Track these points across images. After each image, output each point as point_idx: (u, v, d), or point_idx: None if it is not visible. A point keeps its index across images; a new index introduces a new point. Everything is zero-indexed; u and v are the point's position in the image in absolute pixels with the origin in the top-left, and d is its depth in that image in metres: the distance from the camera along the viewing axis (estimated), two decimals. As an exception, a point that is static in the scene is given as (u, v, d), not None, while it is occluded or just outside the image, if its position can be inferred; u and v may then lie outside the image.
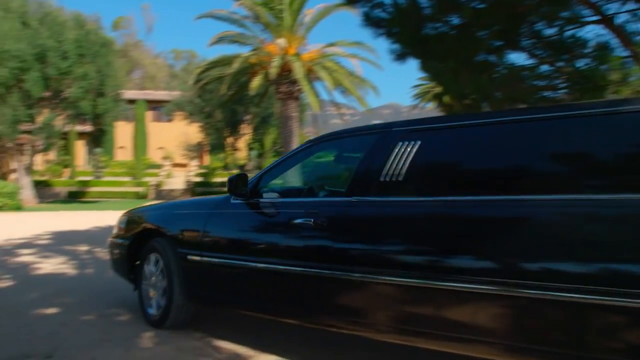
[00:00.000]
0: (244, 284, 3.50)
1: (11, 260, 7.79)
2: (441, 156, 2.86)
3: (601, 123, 2.29)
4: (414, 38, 5.49)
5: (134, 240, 4.38)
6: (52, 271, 6.85)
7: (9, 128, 20.41)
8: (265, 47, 19.88)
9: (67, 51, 20.87)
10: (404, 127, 3.01)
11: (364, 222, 2.88)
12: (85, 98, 21.71)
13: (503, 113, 2.98)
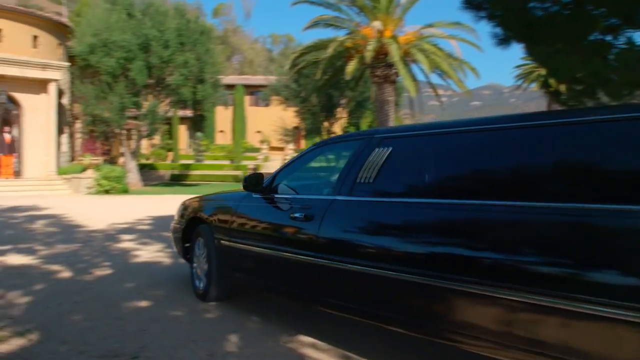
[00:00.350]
0: (262, 267, 4.08)
1: (113, 246, 8.12)
2: (405, 162, 3.21)
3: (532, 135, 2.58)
4: (519, 20, 5.02)
5: (186, 226, 5.16)
6: (149, 259, 7.05)
7: (116, 115, 21.57)
8: (360, 31, 19.55)
9: (168, 40, 21.64)
10: (382, 134, 3.46)
11: (339, 219, 3.33)
12: (186, 85, 22.45)
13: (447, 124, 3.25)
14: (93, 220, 11.44)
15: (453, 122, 3.22)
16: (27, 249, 7.75)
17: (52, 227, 10.38)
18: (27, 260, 6.92)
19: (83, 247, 7.98)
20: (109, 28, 21.18)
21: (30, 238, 8.85)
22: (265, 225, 4.12)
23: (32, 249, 7.76)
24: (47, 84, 21.83)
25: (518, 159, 2.60)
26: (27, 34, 22.38)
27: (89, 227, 10.30)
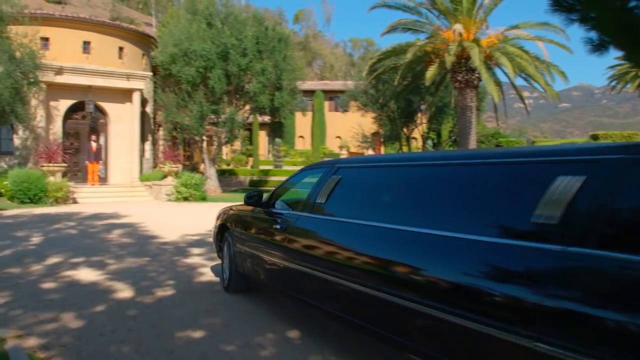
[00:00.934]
0: (258, 267, 5.08)
1: (180, 261, 8.03)
2: (346, 188, 3.97)
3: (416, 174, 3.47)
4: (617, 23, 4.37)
5: (218, 230, 6.46)
6: (214, 278, 6.86)
7: (195, 123, 21.98)
8: (440, 34, 18.84)
9: (246, 48, 21.81)
10: (339, 164, 4.30)
11: (301, 231, 4.17)
12: (264, 92, 22.54)
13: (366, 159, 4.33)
14: (167, 230, 11.52)
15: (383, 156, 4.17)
16: (97, 263, 7.80)
17: (127, 237, 10.51)
18: (94, 276, 6.92)
19: (151, 262, 7.94)
20: (189, 38, 21.64)
21: (104, 250, 8.96)
22: (260, 233, 5.10)
23: (102, 263, 7.81)
24: (131, 94, 22.62)
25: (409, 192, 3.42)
26: (114, 46, 23.31)
27: (162, 239, 10.35)
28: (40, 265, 7.60)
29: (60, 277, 6.91)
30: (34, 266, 7.55)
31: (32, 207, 16.76)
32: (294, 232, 4.26)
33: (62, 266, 7.56)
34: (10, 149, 21.52)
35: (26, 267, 7.45)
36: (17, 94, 17.83)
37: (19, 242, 9.69)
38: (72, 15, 22.36)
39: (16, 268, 7.39)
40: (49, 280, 6.71)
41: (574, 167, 2.40)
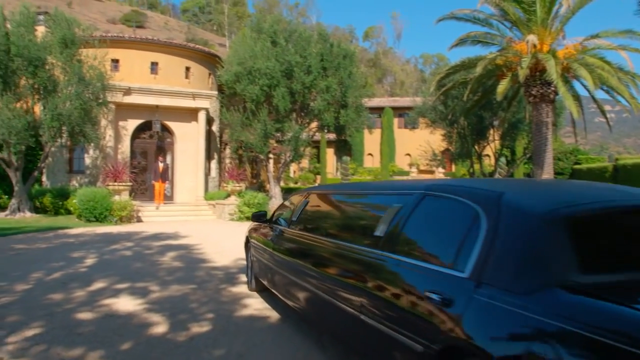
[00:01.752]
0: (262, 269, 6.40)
1: (226, 290, 7.59)
2: (307, 210, 5.49)
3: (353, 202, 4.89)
4: None
5: (246, 241, 7.69)
6: (257, 312, 6.35)
7: (260, 141, 21.83)
8: (513, 46, 17.79)
9: (310, 65, 21.53)
10: (310, 190, 5.92)
11: (283, 240, 5.59)
12: (328, 110, 22.15)
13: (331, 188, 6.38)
14: (221, 253, 11.20)
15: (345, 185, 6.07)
16: (141, 290, 7.50)
17: (179, 261, 10.24)
18: (132, 306, 6.58)
19: (196, 290, 7.54)
20: (253, 56, 21.61)
21: (152, 275, 8.68)
22: (262, 243, 6.49)
23: (145, 290, 7.49)
24: (197, 113, 22.81)
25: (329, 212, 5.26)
26: (180, 66, 23.65)
27: (214, 263, 10.00)
28: (83, 292, 7.37)
29: (98, 305, 6.61)
30: (77, 292, 7.32)
31: (97, 225, 16.98)
32: (277, 242, 5.77)
33: (105, 293, 7.30)
34: (82, 168, 22.14)
35: (69, 293, 7.24)
36: (86, 114, 18.23)
37: (73, 264, 9.61)
38: (140, 37, 22.89)
39: (59, 294, 7.20)
40: (86, 309, 6.42)
41: (399, 198, 3.67)
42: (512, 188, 3.07)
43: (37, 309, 6.40)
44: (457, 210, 3.03)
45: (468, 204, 2.98)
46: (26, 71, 16.94)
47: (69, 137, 19.04)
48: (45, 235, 14.12)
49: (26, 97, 17.78)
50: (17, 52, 16.63)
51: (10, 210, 18.65)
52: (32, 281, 8.07)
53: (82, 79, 17.76)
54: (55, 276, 8.46)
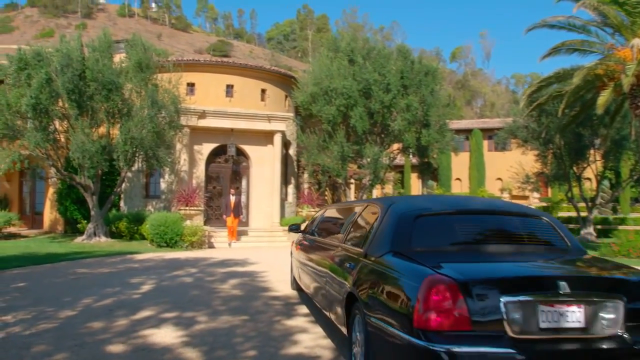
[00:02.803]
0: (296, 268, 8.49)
1: (280, 324, 6.89)
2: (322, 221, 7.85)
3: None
4: None
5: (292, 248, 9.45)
6: (307, 350, 5.60)
7: (336, 164, 21.21)
8: (615, 53, 16.19)
9: (389, 83, 20.81)
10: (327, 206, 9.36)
11: (304, 243, 7.89)
12: (409, 130, 21.26)
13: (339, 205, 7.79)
14: (286, 281, 10.56)
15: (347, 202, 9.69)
16: (187, 320, 6.95)
17: (238, 289, 9.68)
18: (171, 339, 6.02)
19: (247, 322, 6.90)
20: (329, 75, 21.18)
21: (205, 303, 8.15)
22: (295, 247, 8.61)
23: (192, 321, 6.94)
24: (272, 136, 22.58)
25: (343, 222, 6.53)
26: (256, 88, 23.62)
27: (275, 292, 9.36)
28: (126, 320, 6.92)
29: (135, 337, 6.10)
30: (119, 321, 6.88)
31: (167, 251, 16.90)
32: (301, 245, 8.00)
33: (147, 323, 6.81)
34: (158, 193, 22.41)
35: (110, 322, 6.82)
36: (159, 137, 18.38)
37: (127, 290, 9.30)
38: (216, 60, 23.09)
39: (100, 322, 6.79)
40: (120, 341, 5.91)
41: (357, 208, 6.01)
42: (399, 200, 5.11)
43: (69, 339, 5.99)
44: (373, 213, 5.14)
45: (377, 209, 5.11)
46: (100, 95, 17.29)
47: (143, 161, 19.25)
48: (112, 260, 14.09)
49: (101, 121, 18.14)
50: (92, 77, 17.04)
51: (87, 235, 19.01)
52: (79, 307, 7.75)
53: (155, 102, 17.91)
54: (105, 302, 8.13)
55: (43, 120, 17.03)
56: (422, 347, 3.24)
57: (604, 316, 3.43)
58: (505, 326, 3.29)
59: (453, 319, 3.28)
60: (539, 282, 3.50)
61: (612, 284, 3.67)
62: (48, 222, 24.33)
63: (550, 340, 3.35)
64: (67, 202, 21.84)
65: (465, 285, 3.33)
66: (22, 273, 11.59)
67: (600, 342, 3.38)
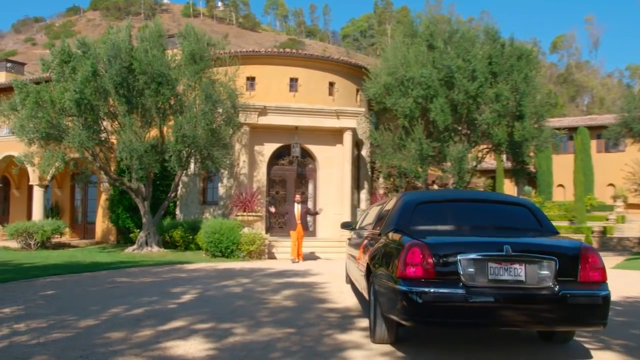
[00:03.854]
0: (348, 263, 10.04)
1: (331, 337, 6.28)
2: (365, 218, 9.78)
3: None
4: None
5: None
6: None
7: (414, 165, 20.35)
8: None
9: (475, 70, 19.76)
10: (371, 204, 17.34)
11: (352, 237, 9.78)
12: (499, 123, 20.08)
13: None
14: (348, 292, 9.98)
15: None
16: (221, 332, 6.51)
17: (292, 300, 9.15)
18: (195, 352, 5.58)
19: (290, 336, 6.35)
20: (405, 64, 20.40)
21: (248, 315, 7.67)
22: (348, 242, 10.38)
23: (226, 333, 6.47)
24: (342, 134, 22.05)
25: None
26: (323, 82, 23.20)
27: (333, 304, 8.76)
28: (151, 331, 6.53)
29: (154, 348, 5.69)
30: (143, 331, 6.50)
31: (222, 261, 16.67)
32: (349, 241, 10.12)
33: (174, 334, 6.40)
34: (216, 199, 22.35)
35: (132, 332, 6.46)
36: (213, 136, 18.24)
37: (165, 300, 8.98)
38: (278, 51, 22.88)
39: (121, 332, 6.44)
40: (134, 353, 5.51)
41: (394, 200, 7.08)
42: (412, 193, 7.60)
43: (78, 349, 5.63)
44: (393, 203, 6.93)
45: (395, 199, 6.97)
46: (149, 89, 17.35)
47: (198, 162, 19.18)
48: (158, 270, 13.94)
49: (151, 119, 18.21)
50: (140, 69, 17.11)
51: (138, 244, 19.12)
52: (104, 317, 7.44)
53: (209, 97, 17.78)
54: (135, 312, 7.81)
55: (88, 117, 17.27)
56: (401, 289, 5.07)
57: (539, 272, 5.09)
58: (461, 276, 5.02)
59: (423, 270, 5.06)
60: (488, 245, 5.22)
61: (547, 248, 5.29)
62: (100, 231, 24.87)
63: (495, 287, 5.02)
64: (119, 209, 22.18)
65: (432, 247, 5.13)
66: (56, 281, 11.57)
67: (535, 291, 5.03)
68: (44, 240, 21.12)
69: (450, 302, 4.94)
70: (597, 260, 5.24)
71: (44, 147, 17.88)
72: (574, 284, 5.12)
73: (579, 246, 5.35)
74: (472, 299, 4.90)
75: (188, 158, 18.98)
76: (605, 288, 5.18)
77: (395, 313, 5.24)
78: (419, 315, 5.02)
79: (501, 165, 39.69)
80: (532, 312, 5.08)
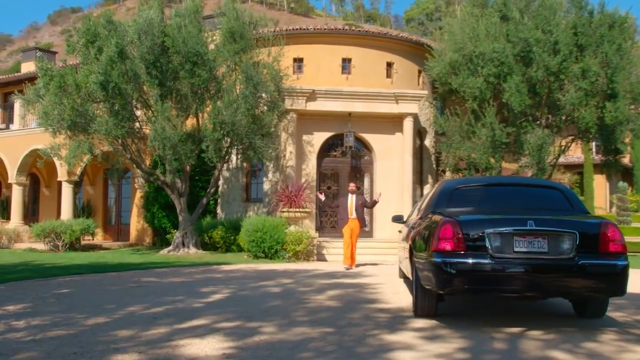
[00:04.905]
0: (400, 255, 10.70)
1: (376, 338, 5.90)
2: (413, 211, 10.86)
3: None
4: None
5: None
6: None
7: (484, 154, 19.56)
8: None
9: (558, 42, 18.86)
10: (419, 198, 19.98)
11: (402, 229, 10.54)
12: (587, 104, 19.06)
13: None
14: (404, 293, 9.51)
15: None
16: (245, 331, 6.21)
17: (336, 300, 8.74)
18: (210, 350, 5.33)
19: (326, 336, 5.97)
20: (474, 37, 19.67)
21: (282, 314, 7.32)
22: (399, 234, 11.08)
23: (252, 332, 6.15)
24: (402, 121, 21.44)
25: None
26: (380, 62, 22.62)
27: (385, 304, 8.32)
28: (166, 329, 6.29)
29: (162, 346, 5.45)
30: (156, 329, 6.26)
31: (265, 263, 16.34)
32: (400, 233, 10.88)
33: (191, 332, 6.14)
34: (261, 195, 22.11)
35: (144, 330, 6.24)
36: (255, 122, 17.99)
37: (191, 299, 8.79)
38: (328, 28, 22.46)
39: (130, 330, 6.24)
40: (138, 350, 5.28)
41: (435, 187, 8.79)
42: (452, 180, 10.03)
43: (74, 346, 5.45)
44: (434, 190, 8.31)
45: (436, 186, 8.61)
46: (183, 70, 17.22)
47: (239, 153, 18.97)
48: (191, 270, 13.77)
49: (187, 105, 18.10)
50: (173, 47, 17.00)
51: (174, 245, 19.03)
52: (117, 315, 7.25)
53: (250, 79, 17.51)
54: (154, 310, 7.61)
55: (116, 102, 17.29)
56: (435, 261, 6.26)
57: (561, 245, 6.17)
58: (489, 249, 6.17)
59: (454, 244, 6.23)
60: (514, 221, 6.32)
61: (568, 224, 6.36)
62: (135, 232, 25.02)
63: (520, 258, 6.15)
64: (154, 208, 22.20)
65: (462, 223, 6.32)
66: (75, 280, 11.56)
67: (557, 261, 6.18)
68: (72, 242, 21.31)
69: (479, 271, 6.18)
70: (616, 234, 6.21)
71: (70, 137, 17.96)
72: (594, 255, 6.18)
73: (599, 222, 6.39)
74: (498, 268, 6.12)
75: (228, 149, 18.77)
76: (624, 259, 6.19)
77: (432, 284, 6.46)
78: (451, 284, 6.28)
79: (589, 158, 38.18)
80: (553, 280, 6.25)
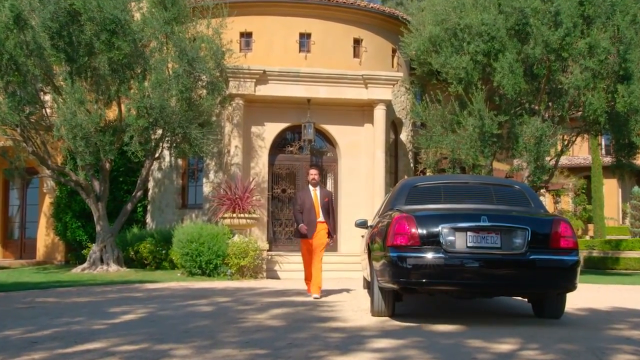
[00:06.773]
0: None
1: None
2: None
3: None
4: None
5: None
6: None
7: (470, 150, 19.19)
8: None
9: (559, 13, 18.77)
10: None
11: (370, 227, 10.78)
12: (594, 87, 18.91)
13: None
14: (367, 310, 9.12)
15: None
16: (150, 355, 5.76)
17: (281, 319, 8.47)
18: None
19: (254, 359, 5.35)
20: (459, 7, 19.51)
21: (207, 335, 6.98)
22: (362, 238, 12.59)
23: (159, 355, 5.76)
24: (372, 109, 21.17)
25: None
26: (346, 38, 22.41)
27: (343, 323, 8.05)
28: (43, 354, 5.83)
29: None
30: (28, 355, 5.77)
31: (201, 280, 16.16)
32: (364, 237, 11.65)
33: (74, 357, 5.62)
34: (200, 202, 21.66)
35: (10, 357, 5.69)
36: (191, 109, 17.54)
37: (93, 320, 8.41)
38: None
39: None
40: None
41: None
42: (409, 178, 12.72)
43: None
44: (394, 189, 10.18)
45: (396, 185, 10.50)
46: (99, 41, 16.65)
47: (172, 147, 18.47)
48: (105, 289, 13.57)
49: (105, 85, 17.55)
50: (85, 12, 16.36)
51: (89, 262, 18.47)
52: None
53: (184, 54, 17.04)
54: (38, 334, 7.18)
55: (12, 80, 16.71)
56: (390, 256, 7.57)
57: (514, 240, 7.50)
58: (442, 244, 7.45)
59: (408, 238, 7.52)
60: (467, 217, 7.73)
61: (521, 219, 7.80)
62: (43, 248, 24.55)
63: (473, 253, 7.46)
64: (66, 216, 21.74)
65: (417, 218, 7.65)
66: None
67: (508, 256, 7.47)
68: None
69: (433, 266, 7.38)
70: (567, 231, 7.54)
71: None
72: (545, 251, 7.49)
73: (551, 219, 7.83)
74: (452, 263, 7.37)
75: (158, 141, 18.28)
76: (574, 255, 7.49)
77: (386, 279, 7.67)
78: (406, 279, 7.47)
79: (598, 158, 38.36)
80: (505, 276, 7.58)
